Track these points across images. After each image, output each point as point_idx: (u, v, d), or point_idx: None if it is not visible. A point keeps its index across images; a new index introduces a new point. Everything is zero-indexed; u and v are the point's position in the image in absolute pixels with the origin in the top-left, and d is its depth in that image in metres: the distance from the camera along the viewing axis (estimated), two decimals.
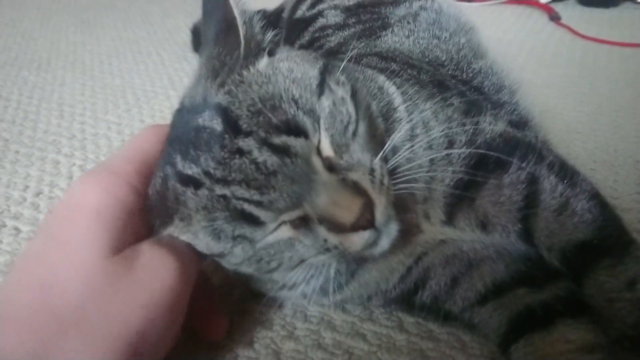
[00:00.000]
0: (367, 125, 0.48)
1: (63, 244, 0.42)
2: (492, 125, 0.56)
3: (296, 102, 0.43)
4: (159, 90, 1.22)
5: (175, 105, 0.51)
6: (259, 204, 0.41)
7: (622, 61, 1.39)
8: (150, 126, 0.52)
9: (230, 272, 0.52)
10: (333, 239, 0.44)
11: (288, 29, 1.03)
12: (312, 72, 0.47)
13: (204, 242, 0.45)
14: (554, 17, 1.70)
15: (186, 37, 1.43)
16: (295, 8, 1.04)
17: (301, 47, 0.94)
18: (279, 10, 1.14)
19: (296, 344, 0.56)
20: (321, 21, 0.94)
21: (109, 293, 0.40)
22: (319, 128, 0.44)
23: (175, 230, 0.45)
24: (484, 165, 0.52)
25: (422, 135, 0.52)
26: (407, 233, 0.50)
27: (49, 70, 1.34)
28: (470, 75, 0.75)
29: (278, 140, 0.41)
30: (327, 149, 0.44)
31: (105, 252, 0.41)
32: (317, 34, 0.91)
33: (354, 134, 0.46)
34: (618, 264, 0.46)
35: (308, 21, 0.96)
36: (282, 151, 0.41)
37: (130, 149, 0.49)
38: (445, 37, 0.82)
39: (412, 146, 0.50)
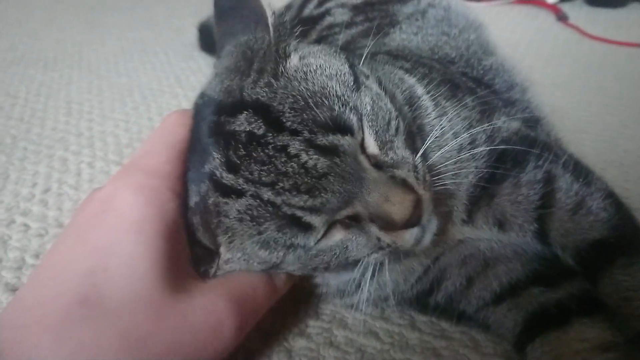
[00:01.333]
0: (402, 120, 0.47)
1: (102, 251, 0.38)
2: (507, 124, 0.56)
3: (339, 99, 0.42)
4: (165, 88, 1.22)
5: (183, 103, 0.49)
6: (311, 209, 0.39)
7: (629, 61, 1.38)
8: (175, 112, 0.48)
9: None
10: (385, 237, 0.43)
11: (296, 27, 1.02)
12: (342, 67, 0.46)
13: (253, 255, 0.42)
14: (561, 17, 1.70)
15: (192, 36, 1.42)
16: (302, 6, 1.04)
17: None
18: (286, 9, 1.14)
19: (308, 341, 0.55)
20: (329, 19, 0.94)
21: (153, 321, 0.37)
22: (362, 125, 0.43)
23: (225, 253, 0.43)
24: (502, 163, 0.52)
25: (449, 133, 0.52)
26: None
27: (56, 69, 1.34)
28: (481, 72, 0.75)
29: (325, 140, 0.39)
30: (373, 147, 0.43)
31: (155, 277, 0.37)
32: (324, 33, 0.91)
33: (397, 130, 0.45)
34: (634, 262, 0.46)
35: (315, 19, 0.96)
36: (330, 151, 0.40)
37: (162, 141, 0.45)
38: (455, 34, 0.82)
39: (443, 144, 0.49)
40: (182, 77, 1.28)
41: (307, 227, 0.40)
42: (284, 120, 0.40)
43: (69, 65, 1.37)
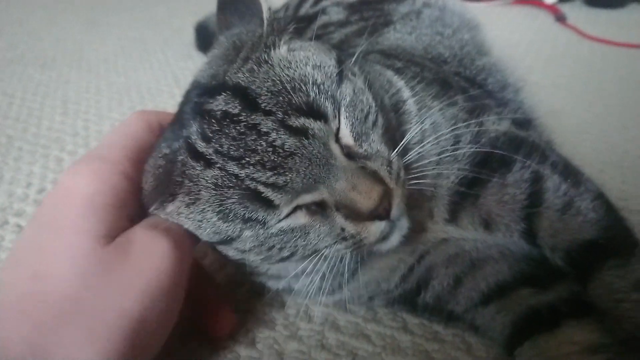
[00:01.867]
0: (383, 118, 0.47)
1: (55, 232, 0.41)
2: (495, 125, 0.56)
3: (318, 87, 0.43)
4: (164, 88, 1.21)
5: None
6: (274, 186, 0.40)
7: (629, 62, 1.37)
8: (137, 112, 0.51)
9: (235, 264, 0.51)
10: (350, 227, 0.43)
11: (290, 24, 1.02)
12: (329, 60, 0.47)
13: (211, 223, 0.43)
14: (560, 18, 1.69)
15: (191, 36, 1.42)
16: (299, 5, 1.03)
17: None
18: (284, 7, 1.14)
19: (299, 344, 0.55)
20: (324, 18, 0.94)
21: (104, 281, 0.39)
22: (339, 115, 0.43)
23: (180, 207, 0.43)
24: (488, 163, 0.52)
25: (432, 133, 0.52)
26: (413, 231, 0.49)
27: (54, 68, 1.34)
28: (474, 72, 0.75)
29: (297, 122, 0.41)
30: (347, 137, 0.44)
31: (99, 240, 0.40)
32: (319, 31, 0.91)
33: (374, 124, 0.46)
34: (625, 264, 0.46)
35: (311, 18, 0.96)
36: (300, 133, 0.41)
37: (120, 135, 0.48)
38: (449, 34, 0.82)
39: (423, 144, 0.49)
40: (180, 77, 1.28)
41: (268, 204, 0.41)
42: (260, 102, 0.41)
43: (68, 64, 1.37)
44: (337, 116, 0.43)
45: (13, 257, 0.43)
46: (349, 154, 0.44)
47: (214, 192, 0.41)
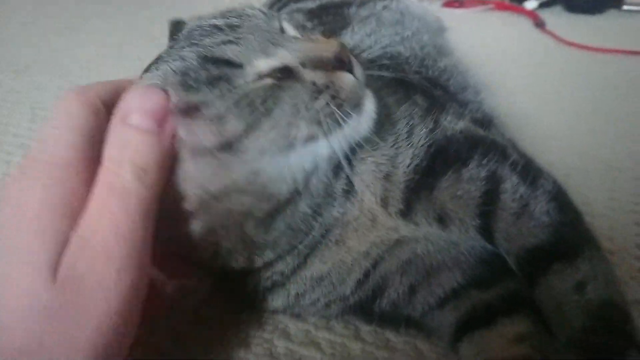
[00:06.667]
0: None
1: (6, 265, 0.37)
2: (452, 124, 0.56)
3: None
4: None
5: None
6: (228, 42, 0.44)
7: (602, 67, 1.38)
8: (73, 93, 0.43)
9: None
10: (321, 76, 0.45)
11: None
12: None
13: (175, 97, 0.42)
14: (539, 24, 1.70)
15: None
16: None
17: None
18: None
19: (246, 352, 0.54)
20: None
21: (58, 332, 0.36)
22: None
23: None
24: (443, 157, 0.52)
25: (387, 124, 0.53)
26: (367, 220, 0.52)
27: (27, 74, 1.32)
28: (436, 73, 0.75)
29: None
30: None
31: (49, 275, 0.36)
32: None
33: None
34: (569, 267, 0.45)
35: None
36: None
37: (61, 126, 0.41)
38: (408, 35, 0.82)
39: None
40: None
41: (229, 63, 0.43)
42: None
43: (41, 70, 1.36)
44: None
45: None
46: None
47: (173, 64, 0.44)
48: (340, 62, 0.46)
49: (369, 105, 0.49)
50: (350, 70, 0.47)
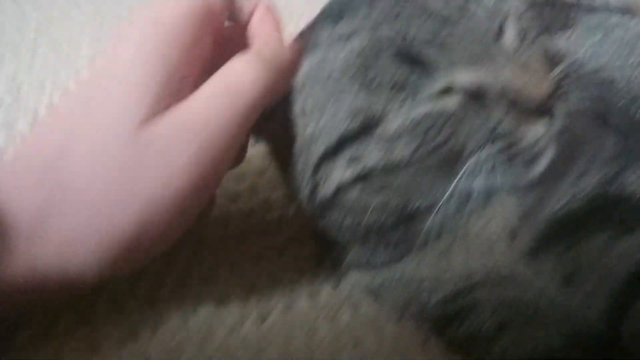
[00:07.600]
0: None
1: (97, 109, 0.35)
2: (636, 185, 0.45)
3: None
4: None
5: None
6: (428, 42, 0.35)
7: None
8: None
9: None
10: (509, 121, 0.35)
11: None
12: None
13: (347, 103, 0.34)
14: None
15: None
16: None
17: None
18: None
19: None
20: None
21: (121, 181, 0.34)
22: None
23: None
24: (606, 213, 0.44)
25: None
26: None
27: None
28: None
29: None
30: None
31: (137, 122, 0.34)
32: None
33: None
34: None
35: None
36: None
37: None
38: (632, 63, 0.79)
39: None
40: None
41: (422, 66, 0.35)
42: None
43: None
44: None
45: (47, 122, 0.38)
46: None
47: (360, 58, 0.35)
48: (542, 109, 0.36)
49: (544, 162, 0.38)
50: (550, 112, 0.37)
